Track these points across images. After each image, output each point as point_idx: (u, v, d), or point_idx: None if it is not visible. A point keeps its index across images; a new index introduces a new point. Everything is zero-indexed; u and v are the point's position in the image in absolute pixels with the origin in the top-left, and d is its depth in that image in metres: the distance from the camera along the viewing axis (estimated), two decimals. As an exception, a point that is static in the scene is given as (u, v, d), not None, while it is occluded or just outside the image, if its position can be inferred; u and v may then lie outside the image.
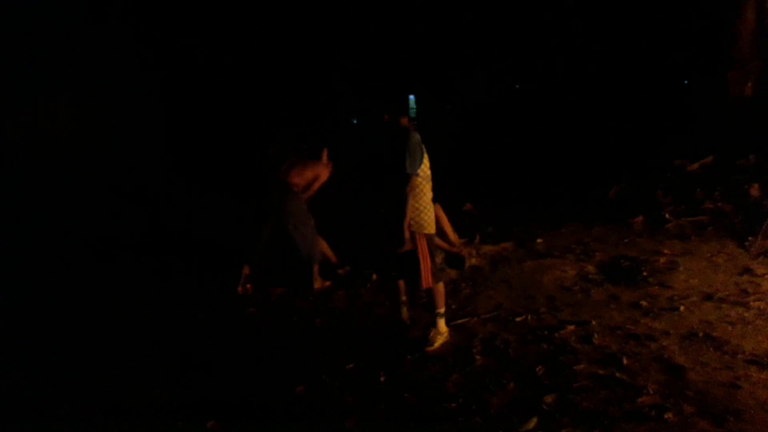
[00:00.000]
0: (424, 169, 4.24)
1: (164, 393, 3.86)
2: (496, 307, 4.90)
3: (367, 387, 3.80)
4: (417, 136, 4.21)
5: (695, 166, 7.78)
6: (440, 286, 4.38)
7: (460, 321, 4.69)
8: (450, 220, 6.09)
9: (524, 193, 8.72)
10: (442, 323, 4.38)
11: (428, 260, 4.26)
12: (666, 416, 3.15)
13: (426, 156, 4.26)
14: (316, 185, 5.87)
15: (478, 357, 4.06)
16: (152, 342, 4.77)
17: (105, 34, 8.38)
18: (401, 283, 4.62)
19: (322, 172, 5.89)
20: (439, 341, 4.31)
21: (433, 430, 3.28)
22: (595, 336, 4.16)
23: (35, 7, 7.19)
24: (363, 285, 5.67)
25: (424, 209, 4.25)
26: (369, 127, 4.68)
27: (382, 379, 3.88)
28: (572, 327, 4.34)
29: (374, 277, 5.71)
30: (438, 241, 5.85)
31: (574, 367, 3.75)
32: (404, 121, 4.34)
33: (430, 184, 4.32)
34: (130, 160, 8.41)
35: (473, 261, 5.94)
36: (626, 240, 6.33)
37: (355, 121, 14.26)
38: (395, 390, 3.72)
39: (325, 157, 5.96)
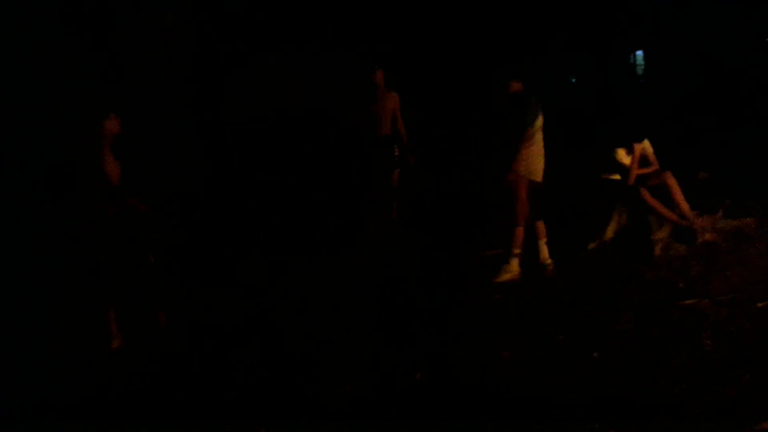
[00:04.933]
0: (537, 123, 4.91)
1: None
2: (732, 290, 4.40)
3: (580, 361, 3.64)
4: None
5: None
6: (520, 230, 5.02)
7: (688, 302, 4.29)
8: (682, 189, 5.55)
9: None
10: (515, 263, 5.02)
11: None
12: None
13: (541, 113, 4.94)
14: None
15: (707, 342, 3.68)
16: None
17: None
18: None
19: None
20: (505, 277, 4.99)
21: (650, 414, 3.05)
22: None
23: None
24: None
25: (534, 157, 4.97)
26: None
27: (595, 354, 3.69)
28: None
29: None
30: (666, 211, 5.42)
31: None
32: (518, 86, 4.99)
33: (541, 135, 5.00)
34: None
35: (707, 236, 5.37)
36: None
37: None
38: (609, 368, 3.52)
39: None
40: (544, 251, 5.17)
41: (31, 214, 5.73)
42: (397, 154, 6.39)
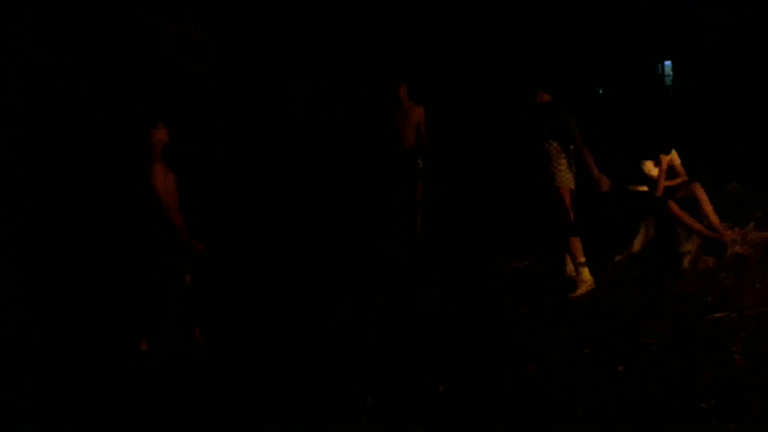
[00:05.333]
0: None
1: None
2: (763, 303, 4.31)
3: (604, 375, 3.60)
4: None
5: None
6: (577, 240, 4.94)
7: (717, 315, 4.22)
8: (711, 200, 5.46)
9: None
10: (585, 272, 4.88)
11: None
12: None
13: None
14: None
15: (738, 357, 3.61)
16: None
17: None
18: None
19: None
20: (583, 288, 4.84)
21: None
22: None
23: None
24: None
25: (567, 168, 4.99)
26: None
27: (621, 368, 3.65)
28: None
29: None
30: (695, 223, 5.33)
31: None
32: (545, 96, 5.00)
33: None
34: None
35: (737, 249, 5.27)
36: None
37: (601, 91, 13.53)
38: (635, 382, 3.48)
39: None
40: (571, 265, 5.14)
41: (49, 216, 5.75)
42: (421, 166, 6.42)
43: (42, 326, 4.66)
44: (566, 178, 4.99)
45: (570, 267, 5.14)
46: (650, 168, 5.56)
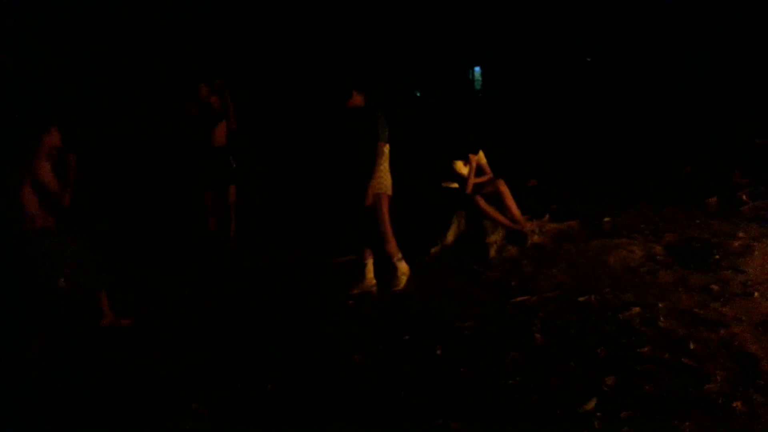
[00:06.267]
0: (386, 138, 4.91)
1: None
2: (559, 287, 4.80)
3: (424, 359, 3.81)
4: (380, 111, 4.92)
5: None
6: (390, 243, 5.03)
7: (519, 299, 4.62)
8: (513, 195, 5.98)
9: (592, 169, 8.43)
10: (402, 264, 5.03)
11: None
12: (734, 405, 3.03)
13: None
14: None
15: (537, 336, 3.99)
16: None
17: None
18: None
19: None
20: (403, 280, 5.01)
21: (490, 407, 3.26)
22: (661, 319, 4.03)
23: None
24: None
25: (387, 173, 4.98)
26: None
27: (438, 352, 3.88)
28: (637, 309, 4.21)
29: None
30: (499, 216, 5.80)
31: (638, 350, 3.64)
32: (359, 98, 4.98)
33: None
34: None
35: (536, 238, 5.82)
36: (698, 221, 6.06)
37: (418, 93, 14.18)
38: (451, 364, 3.72)
39: None
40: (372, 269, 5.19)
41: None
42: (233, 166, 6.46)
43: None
44: (384, 184, 4.95)
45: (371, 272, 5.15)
46: (460, 167, 5.97)
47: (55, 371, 3.95)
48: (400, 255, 5.06)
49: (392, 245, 5.04)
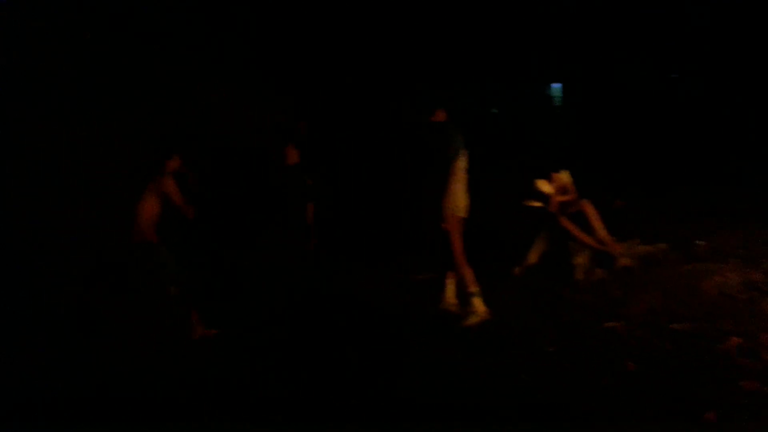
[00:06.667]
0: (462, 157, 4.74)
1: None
2: (649, 312, 4.62)
3: (508, 383, 3.73)
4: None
5: None
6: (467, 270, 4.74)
7: (609, 324, 4.47)
8: (600, 216, 5.82)
9: (684, 191, 8.10)
10: (477, 302, 4.69)
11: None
12: None
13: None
14: None
15: (629, 364, 3.85)
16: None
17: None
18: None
19: None
20: (474, 319, 4.65)
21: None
22: (763, 351, 3.80)
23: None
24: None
25: (462, 193, 4.76)
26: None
27: (523, 376, 3.79)
28: (736, 339, 3.99)
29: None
30: (586, 237, 5.66)
31: (740, 384, 3.45)
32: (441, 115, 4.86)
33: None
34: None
35: (624, 261, 5.63)
36: (801, 246, 5.71)
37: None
38: (534, 390, 3.63)
39: None
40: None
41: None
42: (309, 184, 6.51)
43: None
44: (458, 205, 4.73)
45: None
46: (544, 185, 5.86)
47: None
48: (476, 288, 4.74)
49: (467, 274, 4.75)
